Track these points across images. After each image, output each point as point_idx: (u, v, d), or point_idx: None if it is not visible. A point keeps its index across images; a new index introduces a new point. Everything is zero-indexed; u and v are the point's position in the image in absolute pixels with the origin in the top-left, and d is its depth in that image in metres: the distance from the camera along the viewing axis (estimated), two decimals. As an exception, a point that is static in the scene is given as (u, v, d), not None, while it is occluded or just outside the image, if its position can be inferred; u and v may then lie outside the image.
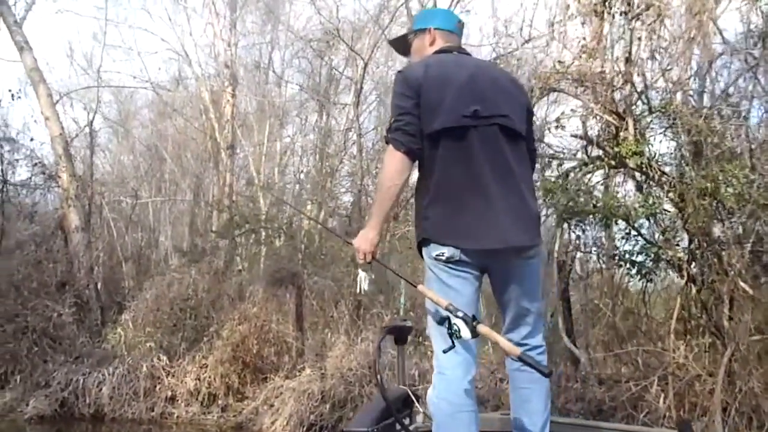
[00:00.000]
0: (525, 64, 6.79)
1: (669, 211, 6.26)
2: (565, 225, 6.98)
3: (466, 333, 2.18)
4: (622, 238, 6.59)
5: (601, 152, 6.30)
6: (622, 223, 6.49)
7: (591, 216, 6.34)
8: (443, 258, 2.35)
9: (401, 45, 2.84)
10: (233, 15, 14.35)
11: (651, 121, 6.30)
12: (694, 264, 5.98)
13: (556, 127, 7.08)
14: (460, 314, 2.20)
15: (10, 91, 10.69)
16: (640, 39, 5.74)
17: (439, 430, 2.38)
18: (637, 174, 6.30)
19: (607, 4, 6.06)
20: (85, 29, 31.45)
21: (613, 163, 6.15)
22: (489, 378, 7.31)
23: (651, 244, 6.22)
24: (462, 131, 2.40)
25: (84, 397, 8.01)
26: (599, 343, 7.93)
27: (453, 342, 2.23)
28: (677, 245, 6.16)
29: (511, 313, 2.49)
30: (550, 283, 7.94)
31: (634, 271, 6.40)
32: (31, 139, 11.92)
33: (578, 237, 7.26)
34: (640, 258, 6.30)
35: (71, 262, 9.89)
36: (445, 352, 2.27)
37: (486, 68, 2.70)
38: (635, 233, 6.31)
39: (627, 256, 6.45)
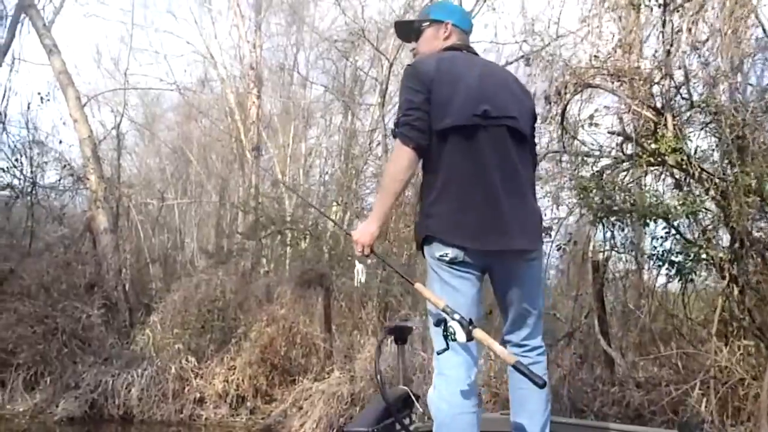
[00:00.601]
0: (558, 60, 6.63)
1: (710, 210, 6.07)
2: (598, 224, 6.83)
3: (461, 336, 2.15)
4: (660, 237, 6.41)
5: (638, 149, 6.13)
6: (656, 222, 6.32)
7: (628, 215, 6.17)
8: (446, 259, 2.33)
9: (407, 30, 2.78)
10: (258, 17, 14.36)
11: (690, 116, 6.13)
12: (736, 264, 5.79)
13: (590, 124, 6.93)
14: (456, 317, 2.18)
15: (39, 94, 10.74)
16: (680, 31, 5.55)
17: (439, 431, 2.36)
18: (676, 171, 6.13)
19: (644, -5, 5.91)
20: (112, 33, 31.83)
21: (651, 160, 5.98)
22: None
23: (691, 243, 6.04)
24: (471, 130, 2.38)
25: (113, 399, 7.98)
26: (634, 345, 7.75)
27: (447, 344, 2.21)
28: (718, 244, 5.99)
29: (512, 314, 2.48)
30: (584, 285, 7.78)
31: (673, 272, 6.22)
32: (60, 142, 12.05)
33: (613, 236, 7.09)
34: (679, 258, 6.12)
35: (99, 263, 9.92)
36: (439, 353, 2.28)
37: (495, 69, 2.70)
38: (674, 232, 6.14)
39: (666, 255, 6.28)
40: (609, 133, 6.37)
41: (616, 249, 7.22)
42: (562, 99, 6.22)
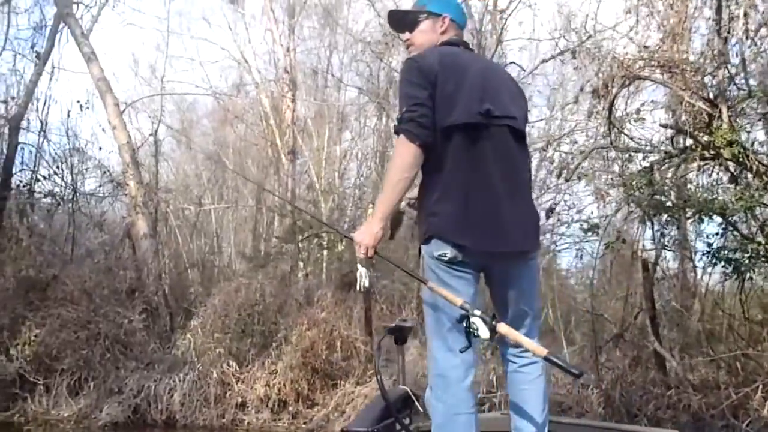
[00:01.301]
0: (605, 52, 6.42)
1: (769, 205, 5.83)
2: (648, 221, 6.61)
3: (484, 332, 2.15)
4: (715, 234, 6.18)
5: (691, 143, 5.91)
6: (711, 218, 6.08)
7: (681, 211, 5.95)
8: (445, 258, 2.30)
9: (402, 20, 2.70)
10: (291, 20, 14.35)
11: (745, 107, 5.89)
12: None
13: (636, 120, 6.73)
14: (477, 313, 2.18)
15: (78, 102, 10.83)
16: (734, 18, 5.32)
17: None
18: (731, 164, 5.89)
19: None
20: (148, 41, 32.31)
21: (705, 153, 5.75)
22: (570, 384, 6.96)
23: (748, 240, 5.80)
24: (475, 129, 2.35)
25: (156, 404, 7.96)
26: (684, 346, 7.50)
27: (470, 341, 2.22)
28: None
29: (508, 314, 2.45)
30: (632, 284, 7.55)
31: (729, 270, 5.98)
32: (100, 148, 12.16)
33: (662, 234, 6.86)
34: (736, 255, 5.88)
35: (139, 269, 9.95)
36: (462, 351, 2.25)
37: (495, 67, 2.73)
38: (731, 229, 5.90)
39: (721, 253, 6.04)
40: (661, 126, 6.16)
41: (666, 247, 6.99)
42: (610, 93, 6.03)
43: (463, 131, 2.33)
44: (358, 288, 2.53)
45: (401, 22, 2.69)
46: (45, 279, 9.17)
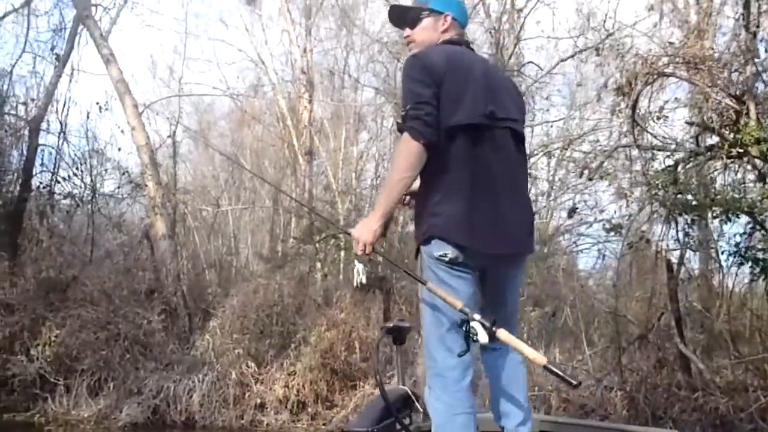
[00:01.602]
0: (627, 50, 6.33)
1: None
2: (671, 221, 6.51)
3: (483, 337, 2.16)
4: (742, 233, 6.06)
5: (717, 140, 5.80)
6: (738, 218, 5.97)
7: (708, 210, 5.84)
8: (446, 258, 2.29)
9: (403, 16, 2.66)
10: (308, 21, 14.34)
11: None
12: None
13: (658, 117, 6.63)
14: (477, 317, 2.18)
15: (98, 104, 10.88)
16: (765, 12, 5.21)
17: None
18: (759, 162, 5.77)
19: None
20: (166, 42, 32.48)
21: (732, 151, 5.64)
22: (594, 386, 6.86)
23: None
24: (479, 130, 2.34)
25: (175, 405, 7.96)
26: (708, 348, 7.38)
27: (468, 345, 2.23)
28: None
29: (496, 314, 2.36)
30: (655, 285, 7.43)
31: (757, 270, 5.86)
32: (119, 149, 12.22)
33: (687, 234, 6.75)
34: (765, 255, 5.77)
35: (158, 270, 9.97)
36: (460, 355, 2.26)
37: (495, 70, 2.73)
38: (759, 228, 5.78)
39: (748, 253, 5.92)
40: (686, 123, 6.05)
41: (690, 247, 6.88)
42: (633, 90, 5.94)
43: (467, 132, 2.32)
44: (354, 284, 2.54)
45: (402, 17, 2.65)
46: (65, 280, 9.21)
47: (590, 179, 6.63)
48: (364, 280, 2.52)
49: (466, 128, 2.31)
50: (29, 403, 8.16)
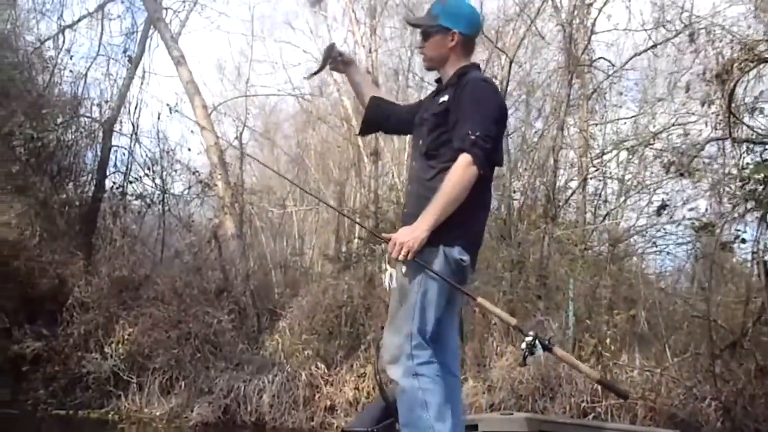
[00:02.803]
0: (720, 36, 5.93)
1: None
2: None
3: (539, 351, 2.45)
4: None
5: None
6: None
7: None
8: (464, 264, 2.59)
9: (416, 27, 2.97)
10: (373, 21, 14.22)
11: None
12: None
13: (753, 108, 6.20)
14: (531, 333, 2.46)
15: (168, 105, 11.04)
16: None
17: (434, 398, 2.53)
18: None
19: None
20: (234, 45, 33.04)
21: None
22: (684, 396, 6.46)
23: None
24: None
25: (245, 405, 7.91)
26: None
27: (525, 361, 2.51)
28: None
29: (456, 321, 2.85)
30: (751, 291, 6.96)
31: None
32: (189, 149, 12.36)
33: (785, 234, 6.27)
34: None
35: (226, 269, 9.99)
36: (521, 365, 2.84)
37: None
38: None
39: None
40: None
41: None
42: (730, 78, 5.55)
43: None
44: (385, 287, 2.74)
45: (416, 29, 2.94)
46: (137, 279, 9.32)
47: (681, 175, 6.24)
48: (394, 284, 2.65)
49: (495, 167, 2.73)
50: (103, 400, 8.24)
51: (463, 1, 2.95)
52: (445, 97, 2.69)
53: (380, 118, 3.08)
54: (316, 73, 3.33)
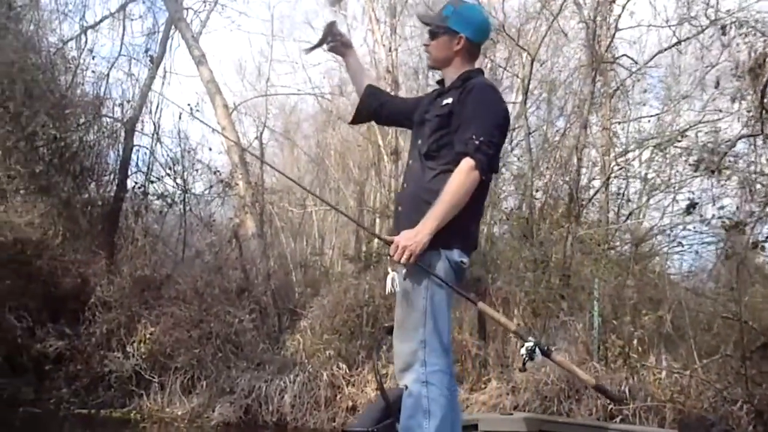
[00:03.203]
0: (754, 28, 5.78)
1: None
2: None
3: (538, 357, 2.45)
4: None
5: None
6: None
7: None
8: (464, 266, 2.62)
9: (426, 25, 2.89)
10: (393, 20, 14.16)
11: None
12: None
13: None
14: (531, 339, 2.45)
15: (189, 105, 11.06)
16: None
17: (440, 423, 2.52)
18: None
19: None
20: (254, 44, 33.15)
21: None
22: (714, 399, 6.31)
23: None
24: None
25: (267, 405, 7.88)
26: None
27: (525, 365, 2.51)
28: None
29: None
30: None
31: None
32: (210, 149, 12.37)
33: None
34: None
35: (247, 269, 9.97)
36: (521, 371, 2.88)
37: None
38: None
39: None
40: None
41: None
42: (763, 73, 5.41)
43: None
44: (387, 291, 2.68)
45: (426, 26, 2.88)
46: (159, 278, 9.33)
47: (713, 172, 6.11)
48: (398, 288, 2.61)
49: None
50: (125, 399, 8.25)
51: (475, 8, 2.96)
52: (449, 100, 2.68)
53: (375, 105, 3.04)
54: (313, 48, 3.24)
